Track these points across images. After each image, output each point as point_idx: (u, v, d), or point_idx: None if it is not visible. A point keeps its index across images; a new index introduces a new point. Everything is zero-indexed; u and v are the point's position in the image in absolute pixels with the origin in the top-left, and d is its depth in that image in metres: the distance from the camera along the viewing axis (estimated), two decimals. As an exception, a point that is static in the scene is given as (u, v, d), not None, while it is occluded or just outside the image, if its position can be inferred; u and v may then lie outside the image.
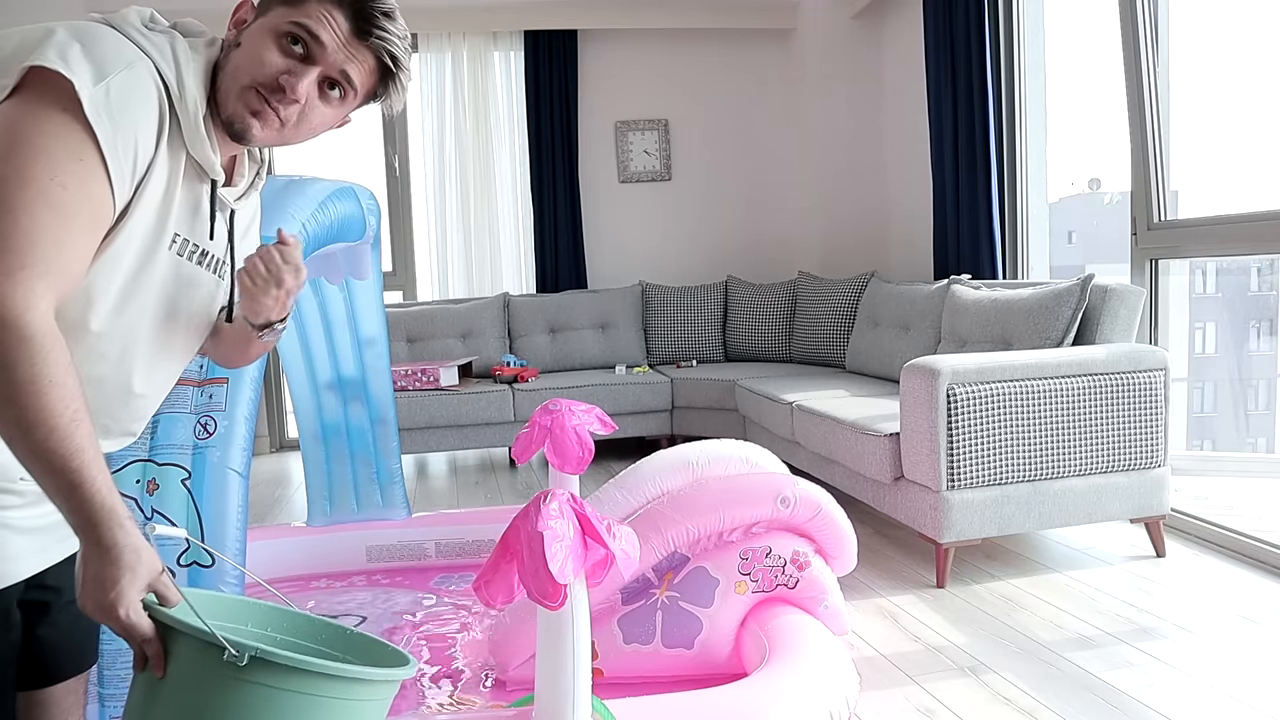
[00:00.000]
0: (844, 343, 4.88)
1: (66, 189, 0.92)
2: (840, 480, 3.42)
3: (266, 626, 1.10)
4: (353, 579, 3.06)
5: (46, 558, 1.10)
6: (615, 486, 2.35)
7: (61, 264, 0.92)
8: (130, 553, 0.91)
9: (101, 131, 0.94)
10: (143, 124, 0.99)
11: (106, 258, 1.01)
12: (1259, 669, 2.21)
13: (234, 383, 1.92)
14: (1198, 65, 9.00)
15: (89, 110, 0.93)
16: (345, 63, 1.08)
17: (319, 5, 1.06)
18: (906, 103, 5.25)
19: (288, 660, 0.90)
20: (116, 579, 0.90)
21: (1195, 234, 3.23)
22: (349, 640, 1.11)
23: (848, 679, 1.95)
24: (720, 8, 5.57)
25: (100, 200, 0.96)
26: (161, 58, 1.02)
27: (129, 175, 0.99)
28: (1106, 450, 2.91)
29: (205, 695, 0.91)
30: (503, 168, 5.55)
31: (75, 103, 0.93)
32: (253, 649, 0.89)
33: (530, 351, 5.20)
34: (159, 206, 1.05)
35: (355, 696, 0.95)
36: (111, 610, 0.90)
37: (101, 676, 1.76)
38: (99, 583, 0.90)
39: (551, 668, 1.41)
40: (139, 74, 0.99)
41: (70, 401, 0.90)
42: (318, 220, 2.27)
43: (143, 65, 0.99)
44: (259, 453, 5.46)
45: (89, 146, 0.94)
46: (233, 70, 1.06)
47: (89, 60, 0.95)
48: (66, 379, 0.90)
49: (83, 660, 1.22)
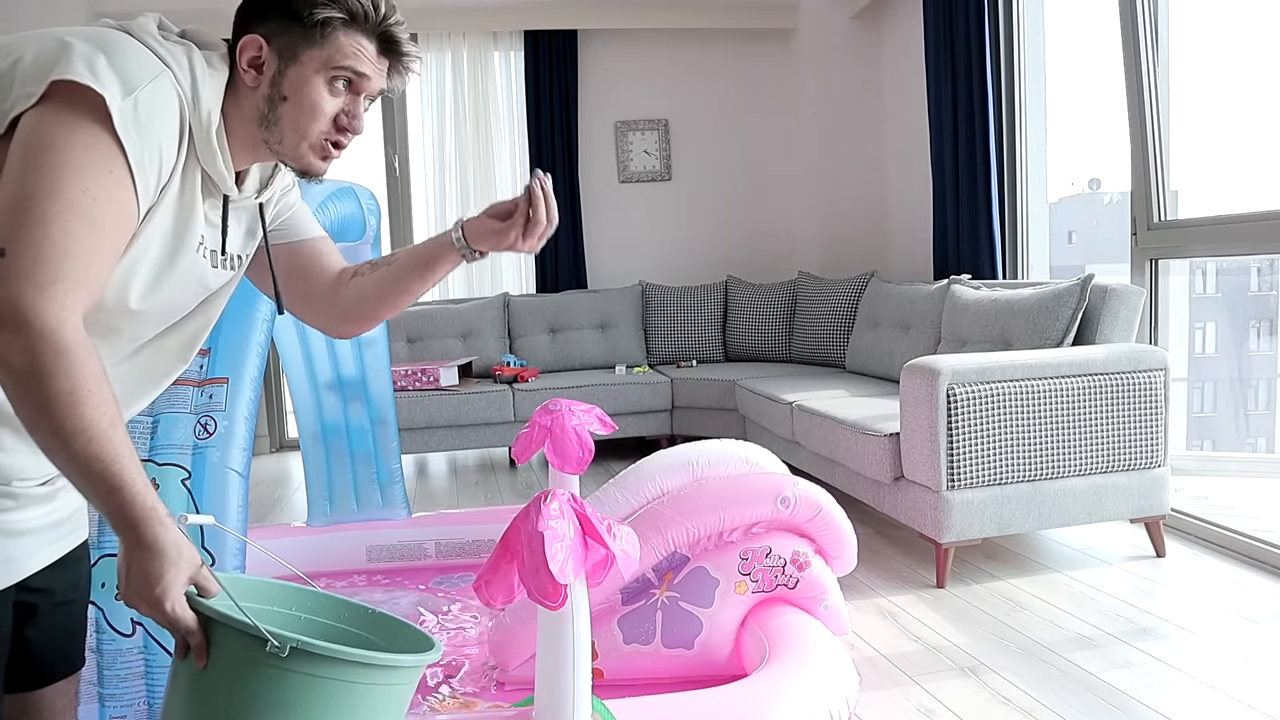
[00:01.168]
0: (844, 343, 4.88)
1: (96, 201, 0.94)
2: (840, 480, 3.42)
3: (291, 606, 1.14)
4: (353, 579, 3.06)
5: (38, 560, 1.10)
6: (615, 486, 2.35)
7: (92, 276, 0.95)
8: (173, 549, 0.95)
9: (130, 144, 0.96)
10: (167, 135, 1.01)
11: (126, 259, 1.03)
12: (1259, 669, 2.20)
13: (234, 383, 1.92)
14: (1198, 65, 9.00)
15: (119, 124, 0.95)
16: (380, 82, 1.16)
17: (348, 40, 1.11)
18: (906, 102, 5.25)
19: (327, 650, 0.94)
20: (161, 574, 0.94)
21: (1195, 234, 3.23)
22: (371, 619, 1.15)
23: (848, 679, 1.95)
24: (720, 8, 5.57)
25: (127, 211, 0.99)
26: (180, 69, 1.04)
27: (154, 185, 1.01)
28: (1106, 450, 2.91)
29: (248, 684, 0.95)
30: (503, 168, 5.55)
31: (104, 115, 0.95)
32: (294, 640, 0.93)
33: (530, 351, 5.20)
34: (178, 214, 1.07)
35: (388, 681, 1.00)
36: (159, 604, 0.94)
37: (101, 677, 1.76)
38: (144, 578, 0.94)
39: (551, 668, 1.41)
40: (163, 86, 1.01)
41: (107, 408, 0.93)
42: (317, 220, 2.27)
43: (166, 77, 1.01)
44: (259, 453, 5.46)
45: (118, 158, 0.96)
46: (292, 125, 1.11)
47: (115, 73, 0.97)
48: (102, 387, 0.93)
49: (72, 662, 1.22)
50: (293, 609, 1.14)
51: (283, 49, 1.09)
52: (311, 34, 1.09)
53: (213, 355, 1.93)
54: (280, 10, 1.09)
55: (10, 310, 0.89)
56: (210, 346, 1.93)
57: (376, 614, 1.16)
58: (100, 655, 1.76)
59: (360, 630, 1.15)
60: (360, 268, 1.34)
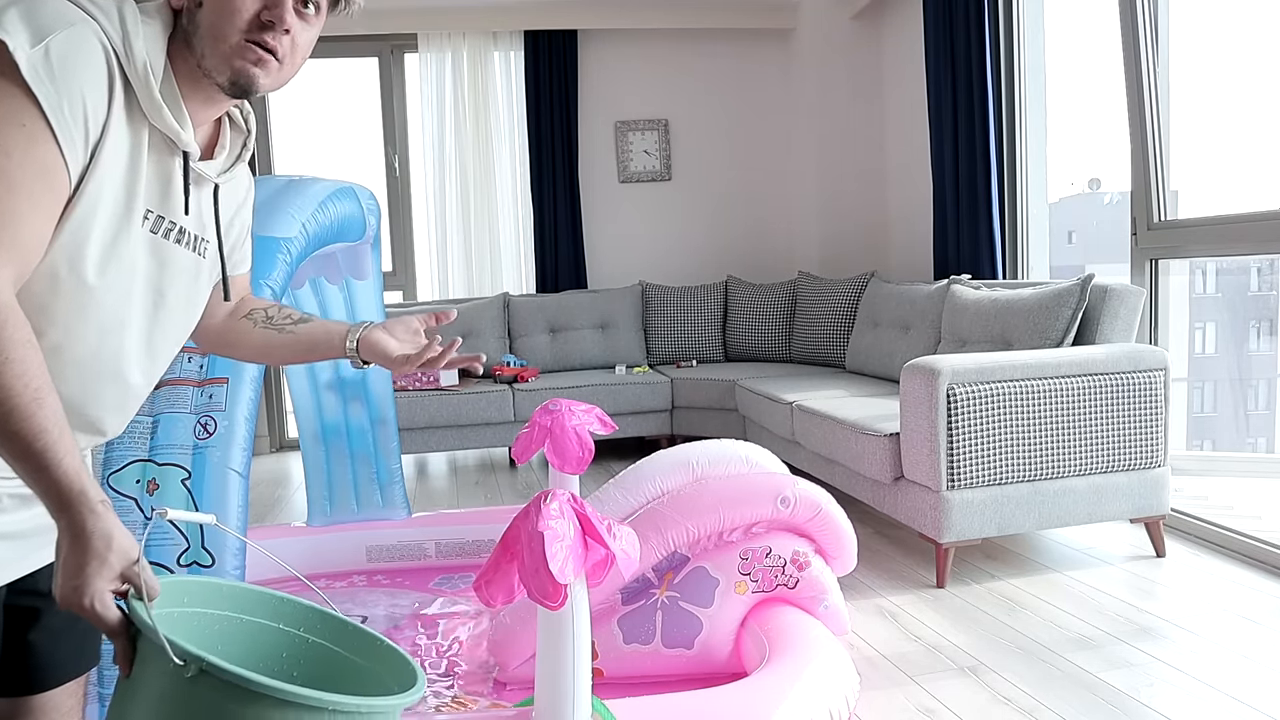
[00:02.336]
0: (844, 343, 4.88)
1: (10, 157, 0.88)
2: (840, 480, 3.42)
3: (279, 619, 1.02)
4: (353, 579, 3.06)
5: (28, 564, 1.07)
6: (615, 486, 2.35)
7: (18, 238, 0.88)
8: (100, 538, 0.86)
9: (43, 93, 0.89)
10: (90, 84, 0.94)
11: (69, 227, 0.96)
12: (1259, 669, 2.21)
13: (234, 383, 1.92)
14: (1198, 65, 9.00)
15: (26, 72, 0.88)
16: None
17: None
18: (906, 103, 5.25)
19: (236, 678, 0.79)
20: (83, 566, 0.86)
21: (1195, 234, 3.23)
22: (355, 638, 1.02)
23: (848, 679, 1.95)
24: (720, 8, 5.58)
25: (51, 166, 0.91)
26: (106, 19, 0.96)
27: (80, 139, 0.94)
28: (1106, 450, 2.91)
29: (161, 704, 0.83)
30: (503, 168, 5.55)
31: (12, 66, 0.88)
32: (202, 660, 0.79)
33: (530, 351, 5.21)
34: (124, 178, 1.00)
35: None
36: (76, 598, 0.86)
37: (101, 676, 1.76)
38: (67, 569, 0.86)
39: (551, 668, 1.41)
40: (81, 33, 0.93)
41: (30, 379, 0.86)
42: (318, 220, 2.27)
43: (85, 26, 0.94)
44: (259, 453, 5.46)
45: (31, 110, 0.89)
46: (209, 30, 1.01)
47: (25, 23, 0.90)
48: (27, 355, 0.86)
49: (81, 662, 1.20)
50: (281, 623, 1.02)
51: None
52: None
53: (212, 355, 1.93)
54: None
55: None
56: (210, 346, 1.93)
57: (359, 630, 1.02)
58: (100, 655, 1.76)
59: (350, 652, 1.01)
60: (255, 311, 1.30)
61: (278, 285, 2.05)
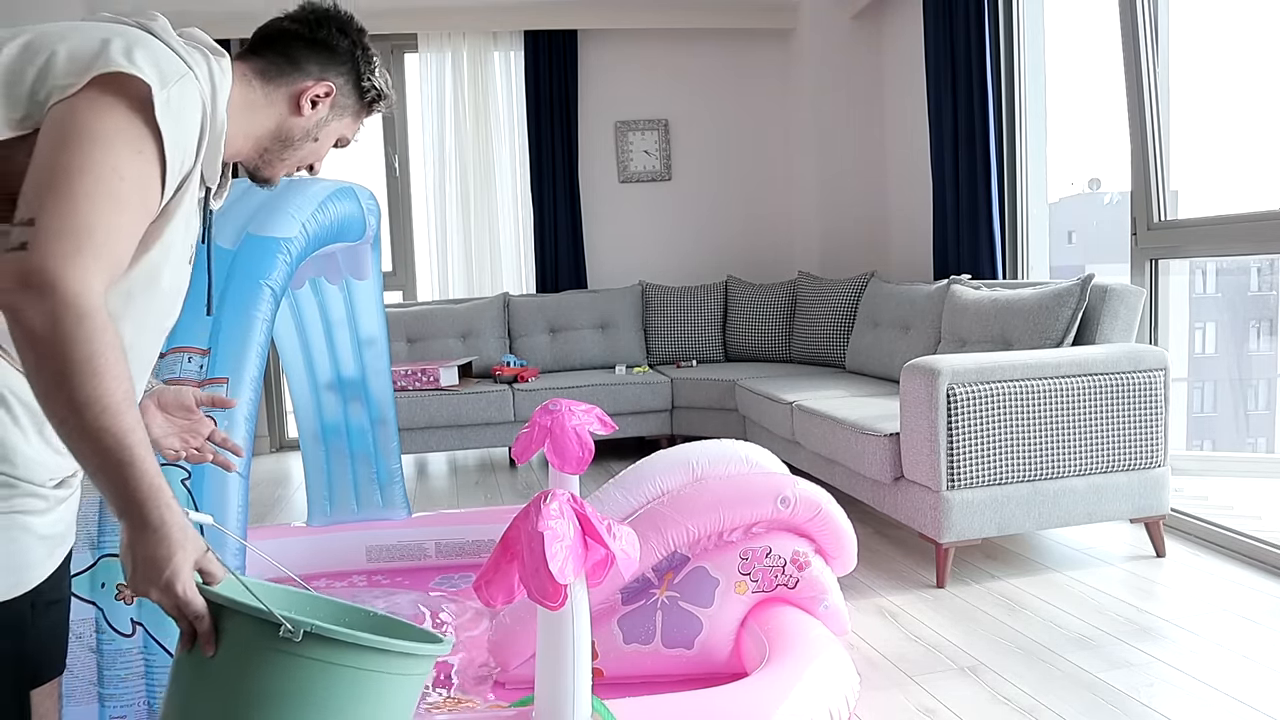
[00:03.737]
0: (844, 343, 4.88)
1: (125, 180, 0.97)
2: (840, 480, 3.42)
3: (291, 609, 1.11)
4: (353, 579, 3.06)
5: (47, 566, 1.10)
6: (615, 486, 2.35)
7: (113, 250, 0.97)
8: (179, 530, 0.94)
9: (167, 129, 1.00)
10: (190, 133, 1.06)
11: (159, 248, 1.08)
12: (1259, 669, 2.21)
13: (234, 383, 1.92)
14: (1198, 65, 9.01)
15: (159, 110, 0.99)
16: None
17: (369, 118, 1.33)
18: (906, 103, 5.25)
19: (342, 635, 0.93)
20: (170, 556, 0.93)
21: (1195, 234, 3.23)
22: (376, 622, 1.13)
23: (848, 679, 1.95)
24: (720, 8, 5.58)
25: (151, 194, 1.02)
26: (201, 74, 1.09)
27: (178, 176, 1.05)
28: (1106, 450, 2.91)
29: (258, 672, 0.93)
30: (503, 168, 5.55)
31: (141, 101, 0.99)
32: (307, 625, 0.91)
33: (530, 351, 5.21)
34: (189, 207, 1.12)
35: (401, 671, 0.99)
36: (169, 588, 0.92)
37: (101, 677, 1.76)
38: (152, 563, 0.93)
39: (551, 668, 1.41)
40: (189, 87, 1.05)
41: (123, 381, 0.93)
42: (318, 220, 2.27)
43: (191, 80, 1.06)
44: (259, 453, 5.46)
45: (149, 141, 1.00)
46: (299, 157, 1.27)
47: (154, 67, 1.01)
48: (120, 359, 0.93)
49: (58, 663, 1.22)
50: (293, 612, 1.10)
51: (338, 103, 1.27)
52: (360, 107, 1.30)
53: (213, 355, 1.93)
54: (354, 72, 1.27)
55: (37, 276, 0.90)
56: (210, 346, 1.93)
57: (380, 616, 1.14)
58: (100, 655, 1.76)
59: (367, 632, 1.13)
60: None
61: (278, 285, 2.05)
